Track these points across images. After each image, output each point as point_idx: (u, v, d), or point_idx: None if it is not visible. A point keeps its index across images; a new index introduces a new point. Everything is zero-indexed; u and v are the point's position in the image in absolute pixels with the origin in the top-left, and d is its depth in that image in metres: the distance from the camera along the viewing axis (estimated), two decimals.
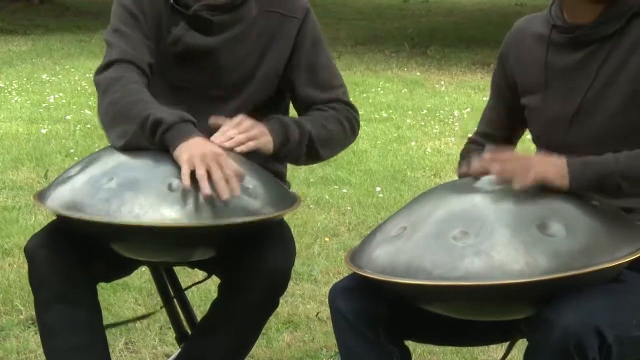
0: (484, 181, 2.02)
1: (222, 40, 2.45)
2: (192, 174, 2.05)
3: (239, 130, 2.26)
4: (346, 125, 2.49)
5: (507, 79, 2.36)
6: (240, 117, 2.29)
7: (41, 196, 2.26)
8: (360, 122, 2.56)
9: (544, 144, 2.27)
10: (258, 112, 2.42)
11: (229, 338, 2.36)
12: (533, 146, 2.32)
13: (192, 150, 2.10)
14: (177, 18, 2.45)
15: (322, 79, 2.52)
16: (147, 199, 2.09)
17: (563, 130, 2.20)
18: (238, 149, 2.23)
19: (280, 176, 2.55)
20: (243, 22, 2.46)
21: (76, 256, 2.29)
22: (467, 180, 2.09)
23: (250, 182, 2.19)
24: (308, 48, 2.51)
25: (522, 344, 2.01)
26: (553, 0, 2.26)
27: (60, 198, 2.18)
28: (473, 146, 2.44)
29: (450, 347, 3.15)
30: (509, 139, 2.43)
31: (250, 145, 2.26)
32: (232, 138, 2.24)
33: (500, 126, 2.43)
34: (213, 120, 2.29)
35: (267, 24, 2.48)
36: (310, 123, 2.42)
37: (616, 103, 2.14)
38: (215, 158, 2.08)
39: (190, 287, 2.72)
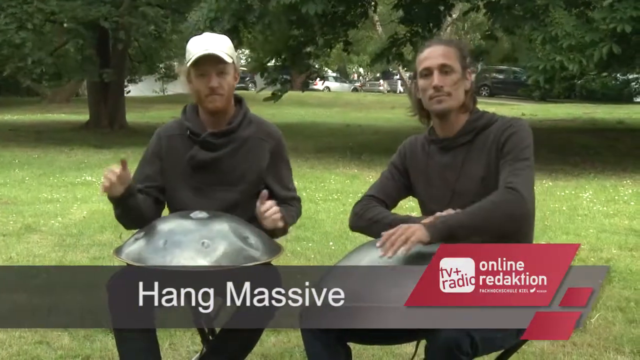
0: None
1: (221, 154, 2.46)
2: None
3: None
4: (299, 214, 2.60)
5: (403, 166, 2.34)
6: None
7: (118, 251, 2.23)
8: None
9: (430, 208, 2.24)
10: (251, 199, 2.44)
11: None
12: None
13: None
14: (191, 143, 2.47)
15: (284, 182, 2.55)
16: (188, 253, 2.10)
17: (444, 203, 2.19)
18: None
19: (268, 231, 2.52)
20: (234, 142, 2.47)
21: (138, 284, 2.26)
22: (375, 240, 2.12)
23: (252, 238, 2.20)
24: (277, 162, 2.53)
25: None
26: (430, 126, 2.30)
27: (131, 252, 2.17)
28: (373, 202, 2.33)
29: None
30: (390, 204, 2.37)
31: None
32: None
33: (387, 195, 2.35)
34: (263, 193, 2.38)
35: (252, 144, 2.49)
36: (291, 218, 2.52)
37: (474, 184, 2.16)
38: None
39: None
